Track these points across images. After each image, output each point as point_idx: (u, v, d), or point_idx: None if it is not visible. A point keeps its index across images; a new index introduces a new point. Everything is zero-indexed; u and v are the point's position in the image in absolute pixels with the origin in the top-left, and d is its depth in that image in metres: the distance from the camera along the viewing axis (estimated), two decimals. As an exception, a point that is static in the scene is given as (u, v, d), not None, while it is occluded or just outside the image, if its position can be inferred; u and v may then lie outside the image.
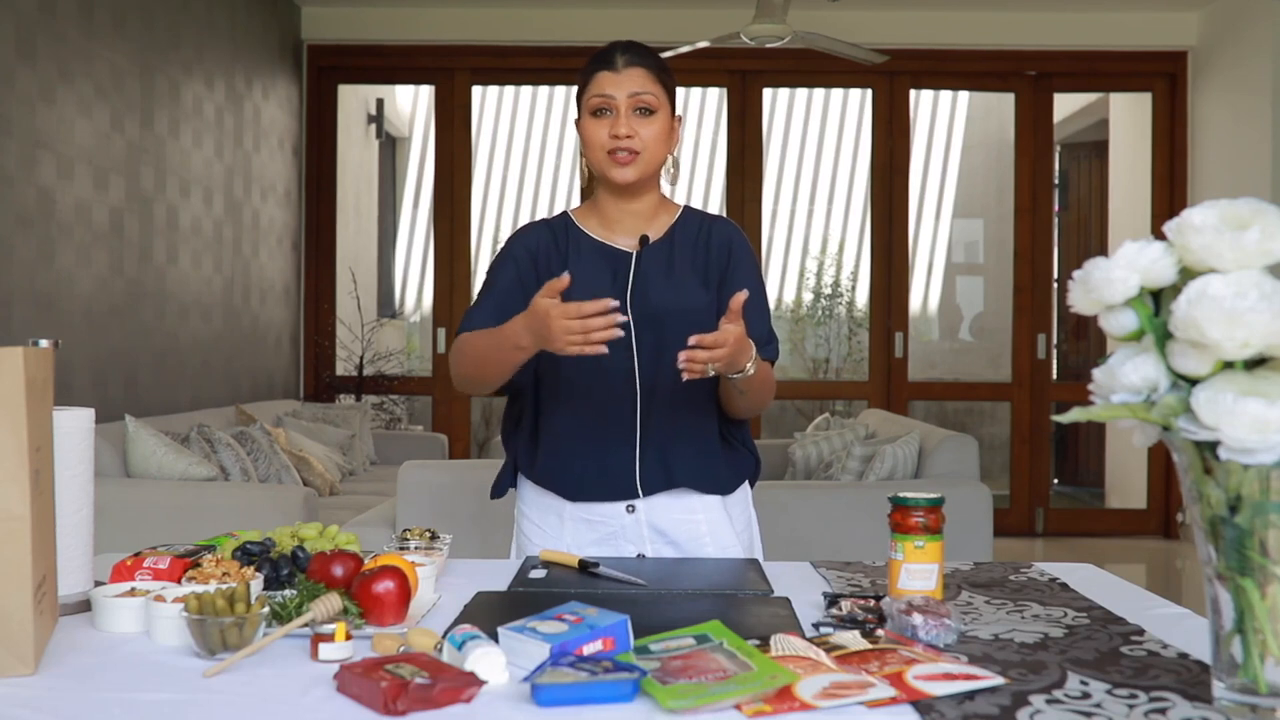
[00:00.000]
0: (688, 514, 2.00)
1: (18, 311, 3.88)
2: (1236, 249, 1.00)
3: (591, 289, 1.96)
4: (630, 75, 1.98)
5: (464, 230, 7.04)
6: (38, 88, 3.99)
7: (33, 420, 1.25)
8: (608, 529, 2.00)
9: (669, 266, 2.02)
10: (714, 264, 2.04)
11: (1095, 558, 5.30)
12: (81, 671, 1.24)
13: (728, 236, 2.07)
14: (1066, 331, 8.51)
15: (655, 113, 1.99)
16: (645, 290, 2.00)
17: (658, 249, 2.04)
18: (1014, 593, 1.64)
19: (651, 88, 1.99)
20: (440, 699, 1.10)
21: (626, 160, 1.98)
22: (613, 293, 1.98)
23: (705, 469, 2.01)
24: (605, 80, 1.99)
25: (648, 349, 1.98)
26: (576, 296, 1.91)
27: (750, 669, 1.15)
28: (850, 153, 9.94)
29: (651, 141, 1.98)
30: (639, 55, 2.01)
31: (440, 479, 3.83)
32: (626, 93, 1.97)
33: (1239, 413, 0.96)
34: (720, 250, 2.05)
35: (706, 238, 2.06)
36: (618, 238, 2.06)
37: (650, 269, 2.02)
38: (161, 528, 3.36)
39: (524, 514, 2.08)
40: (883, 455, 4.23)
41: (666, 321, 1.96)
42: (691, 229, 2.07)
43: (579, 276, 1.96)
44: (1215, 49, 6.57)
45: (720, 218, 2.11)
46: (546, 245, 2.07)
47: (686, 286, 2.01)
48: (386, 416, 7.27)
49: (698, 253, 2.05)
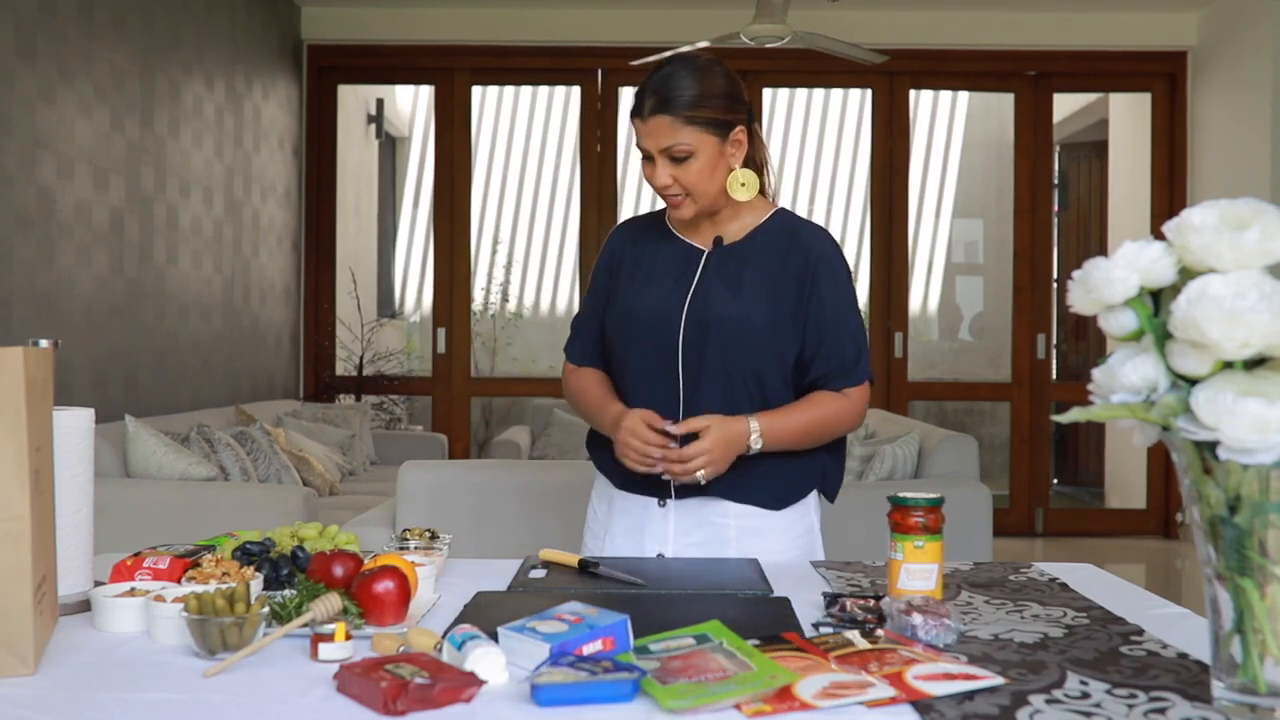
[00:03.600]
0: (718, 518, 1.99)
1: (18, 311, 3.88)
2: (1236, 249, 1.00)
3: (655, 285, 2.01)
4: (656, 127, 1.90)
5: (464, 230, 7.04)
6: (38, 88, 3.99)
7: (33, 420, 1.26)
8: (639, 520, 2.03)
9: (740, 272, 1.98)
10: (791, 273, 1.97)
11: (1095, 558, 5.29)
12: (81, 671, 1.24)
13: (813, 248, 1.99)
14: (1066, 331, 8.51)
15: (690, 157, 1.90)
16: (707, 293, 1.98)
17: (733, 251, 2.00)
18: (1014, 593, 1.64)
19: (679, 136, 1.89)
20: (440, 699, 1.10)
21: (677, 204, 1.95)
22: (673, 291, 1.99)
23: (739, 480, 1.96)
24: (638, 129, 1.94)
25: (693, 354, 1.96)
26: (639, 289, 2.03)
27: (750, 669, 1.15)
28: (850, 153, 9.93)
29: (695, 183, 1.92)
30: (664, 101, 1.89)
31: (440, 479, 3.83)
32: (657, 146, 1.90)
33: (1239, 413, 0.96)
34: (800, 260, 1.97)
35: (790, 245, 1.99)
36: (698, 237, 2.04)
37: (718, 273, 1.99)
38: (161, 528, 3.35)
39: (591, 496, 2.18)
40: (882, 455, 4.23)
41: (713, 332, 1.94)
42: (778, 235, 2.01)
43: (648, 271, 2.04)
44: (1215, 49, 6.57)
45: (812, 226, 2.05)
46: (631, 242, 2.09)
47: (749, 295, 1.96)
48: (386, 416, 7.28)
49: (776, 259, 1.98)
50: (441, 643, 1.26)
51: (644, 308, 2.00)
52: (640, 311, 2.00)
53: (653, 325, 1.99)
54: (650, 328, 1.99)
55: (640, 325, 2.00)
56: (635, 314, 2.01)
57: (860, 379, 1.99)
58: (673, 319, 1.97)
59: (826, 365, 1.97)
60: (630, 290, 2.04)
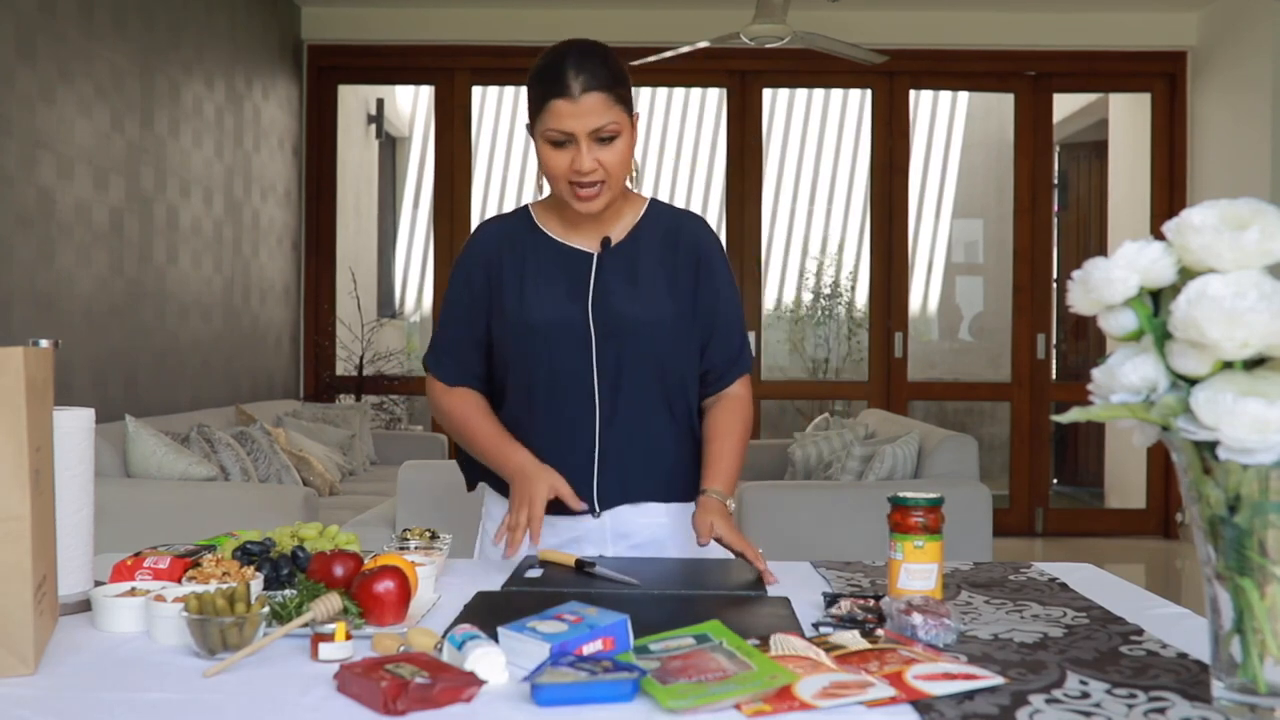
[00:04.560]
0: (650, 518, 1.96)
1: (18, 311, 3.88)
2: (1236, 249, 1.00)
3: (549, 293, 1.89)
4: (588, 105, 1.76)
5: (464, 230, 7.03)
6: (38, 88, 3.99)
7: (33, 420, 1.26)
8: (571, 534, 1.95)
9: (633, 271, 1.90)
10: (682, 266, 1.92)
11: (1095, 558, 5.30)
12: (81, 671, 1.24)
13: (696, 237, 1.94)
14: (1066, 331, 8.51)
15: (616, 137, 1.80)
16: (607, 297, 1.88)
17: (621, 250, 1.91)
18: (1013, 593, 1.64)
19: (612, 114, 1.78)
20: (440, 699, 1.10)
21: (591, 195, 1.82)
22: (570, 299, 1.88)
23: (668, 481, 1.95)
24: (562, 111, 1.77)
25: (609, 361, 1.88)
26: (533, 300, 1.88)
27: (750, 669, 1.15)
28: (850, 153, 9.94)
29: (616, 167, 1.81)
30: (595, 75, 1.77)
31: (440, 479, 3.83)
32: (587, 128, 1.76)
33: (1238, 413, 0.96)
34: (688, 253, 1.92)
35: (675, 238, 1.93)
36: (579, 238, 1.92)
37: (612, 274, 1.90)
38: (161, 528, 3.35)
39: (490, 515, 2.07)
40: (882, 455, 4.23)
41: (628, 336, 1.87)
42: (658, 227, 1.94)
43: (535, 278, 1.90)
44: (1215, 49, 6.57)
45: (688, 214, 1.99)
46: (503, 248, 1.93)
47: (651, 295, 1.89)
48: (386, 416, 7.28)
49: (665, 253, 1.92)
50: (441, 643, 1.26)
51: (544, 320, 1.88)
52: (540, 324, 1.88)
53: (558, 338, 1.87)
54: (555, 341, 1.88)
55: (541, 338, 1.88)
56: (534, 327, 1.88)
57: (748, 366, 1.98)
58: (577, 329, 1.87)
59: (717, 357, 1.95)
60: (519, 301, 1.89)
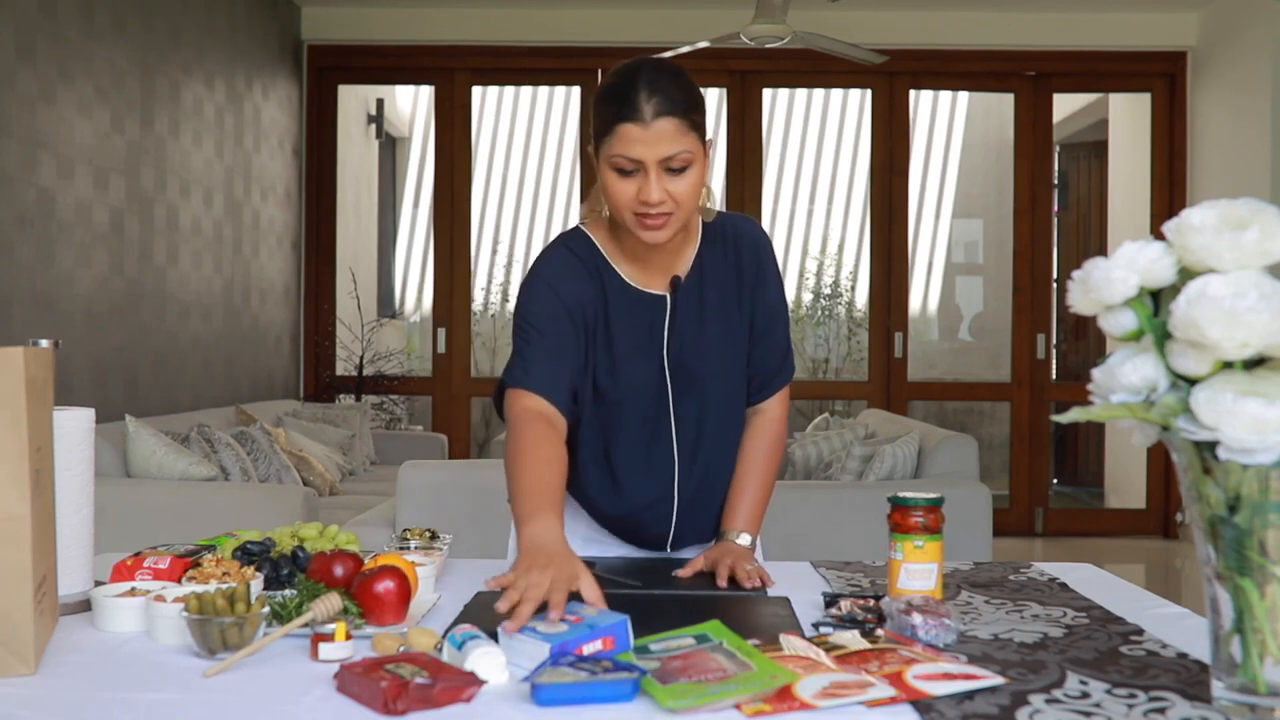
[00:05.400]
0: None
1: (18, 311, 3.88)
2: (1236, 249, 1.00)
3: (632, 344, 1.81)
4: (660, 132, 1.62)
5: (464, 230, 7.04)
6: (38, 88, 3.99)
7: (33, 420, 1.26)
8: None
9: (700, 308, 1.83)
10: (745, 282, 1.85)
11: (1095, 558, 5.30)
12: (81, 671, 1.24)
13: (754, 245, 1.86)
14: (1066, 331, 8.51)
15: (689, 167, 1.66)
16: (681, 343, 1.82)
17: (689, 287, 1.83)
18: (1013, 593, 1.64)
19: (685, 142, 1.64)
20: (440, 699, 1.10)
21: (658, 225, 1.67)
22: (648, 355, 1.81)
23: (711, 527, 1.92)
24: (632, 136, 1.63)
25: (686, 410, 1.84)
26: (620, 353, 1.81)
27: (750, 669, 1.15)
28: (850, 153, 9.93)
29: (687, 198, 1.67)
30: (668, 100, 1.63)
31: (440, 479, 3.83)
32: (658, 156, 1.62)
33: (1238, 413, 0.97)
34: (750, 264, 1.85)
35: (735, 252, 1.85)
36: (648, 279, 1.82)
37: (683, 315, 1.82)
38: (161, 528, 3.35)
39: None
40: (882, 455, 4.23)
41: (702, 385, 1.83)
42: (717, 247, 1.85)
43: (621, 331, 1.81)
44: (1215, 49, 6.57)
45: (741, 219, 1.89)
46: (590, 297, 1.81)
47: (722, 336, 1.83)
48: (386, 416, 7.28)
49: (729, 275, 1.85)
50: (441, 643, 1.26)
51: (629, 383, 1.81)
52: (625, 385, 1.81)
53: (642, 392, 1.82)
54: (640, 395, 1.82)
55: (627, 392, 1.81)
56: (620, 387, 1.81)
57: (790, 375, 1.92)
58: (656, 381, 1.82)
59: (763, 364, 1.89)
60: (608, 357, 1.81)
